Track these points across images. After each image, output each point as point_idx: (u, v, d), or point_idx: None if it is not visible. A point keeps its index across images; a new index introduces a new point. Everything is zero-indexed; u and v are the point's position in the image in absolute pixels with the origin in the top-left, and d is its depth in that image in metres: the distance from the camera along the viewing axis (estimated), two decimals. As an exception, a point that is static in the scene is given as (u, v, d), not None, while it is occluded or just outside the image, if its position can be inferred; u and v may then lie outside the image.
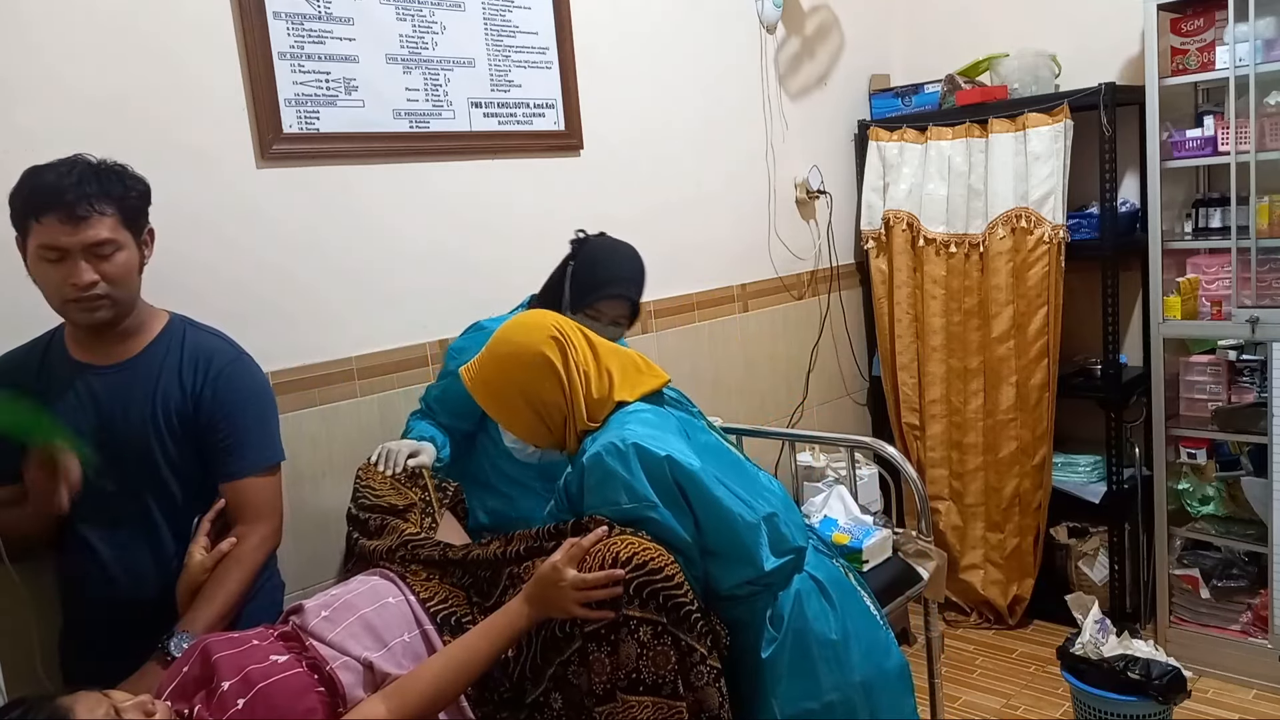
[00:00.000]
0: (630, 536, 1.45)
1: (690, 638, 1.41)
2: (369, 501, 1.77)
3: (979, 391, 3.19)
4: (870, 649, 1.59)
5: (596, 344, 1.64)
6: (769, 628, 1.53)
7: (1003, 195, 3.04)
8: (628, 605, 1.40)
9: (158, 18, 1.81)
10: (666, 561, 1.42)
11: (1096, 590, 3.11)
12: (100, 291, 1.49)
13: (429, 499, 1.84)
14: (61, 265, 1.47)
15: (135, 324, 1.61)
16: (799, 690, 1.51)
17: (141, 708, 1.18)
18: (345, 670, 1.34)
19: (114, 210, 1.49)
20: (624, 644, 1.39)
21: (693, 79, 2.85)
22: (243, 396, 1.65)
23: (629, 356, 1.67)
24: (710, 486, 1.50)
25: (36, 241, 1.46)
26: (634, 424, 1.54)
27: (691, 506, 1.50)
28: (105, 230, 1.48)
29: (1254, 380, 2.82)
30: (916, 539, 2.12)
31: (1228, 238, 2.72)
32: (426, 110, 2.20)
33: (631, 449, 1.49)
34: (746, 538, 1.51)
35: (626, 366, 1.64)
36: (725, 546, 1.52)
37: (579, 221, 2.53)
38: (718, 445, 1.66)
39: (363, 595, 1.47)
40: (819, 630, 1.54)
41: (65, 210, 1.44)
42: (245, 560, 1.59)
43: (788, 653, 1.52)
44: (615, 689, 1.39)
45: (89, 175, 1.48)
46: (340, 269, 2.09)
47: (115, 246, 1.50)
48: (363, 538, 1.73)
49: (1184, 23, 2.75)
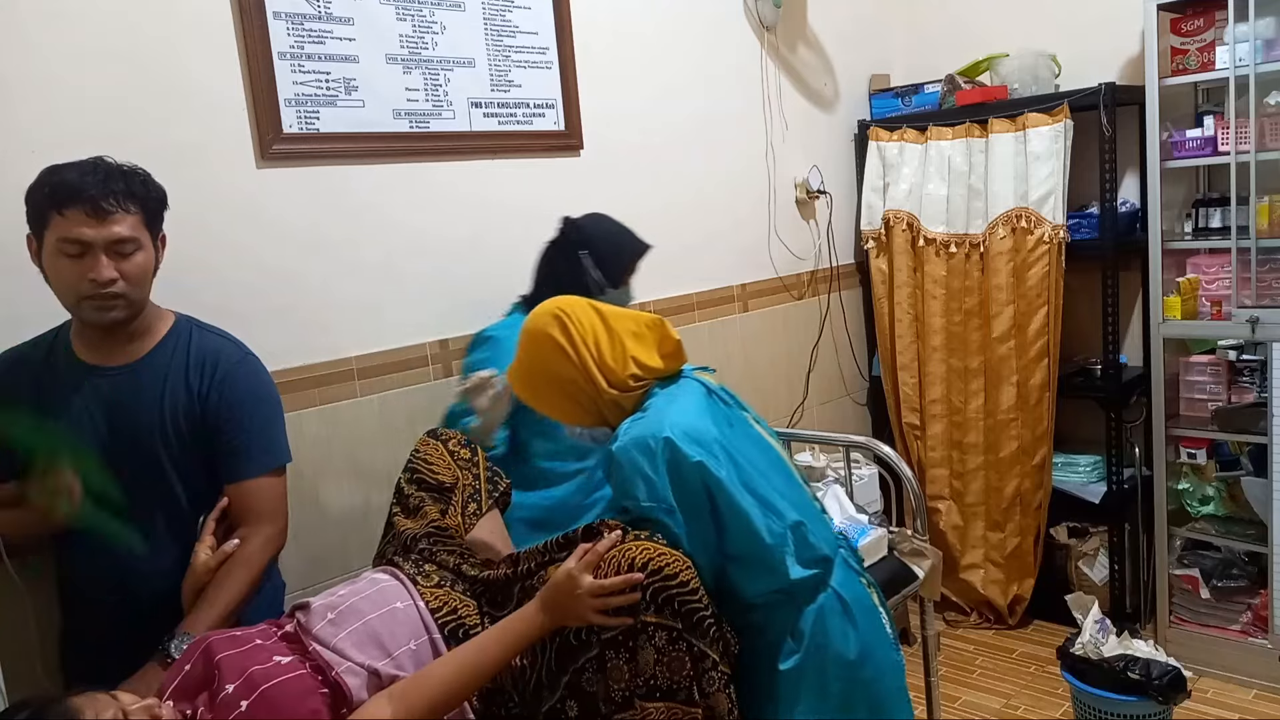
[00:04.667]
0: (645, 541, 1.43)
1: (704, 644, 1.40)
2: (421, 475, 1.73)
3: (979, 391, 3.19)
4: (883, 670, 1.59)
5: (608, 314, 1.64)
6: (789, 640, 1.52)
7: (1003, 195, 3.04)
8: (644, 611, 1.38)
9: (158, 17, 1.81)
10: (682, 567, 1.40)
11: (1096, 590, 3.11)
12: (118, 290, 1.49)
13: (479, 485, 1.78)
14: (81, 260, 1.47)
15: (143, 325, 1.60)
16: (811, 707, 1.51)
17: (149, 711, 1.18)
18: (351, 675, 1.32)
19: (138, 209, 1.51)
20: (642, 650, 1.38)
21: (693, 79, 2.85)
22: (248, 398, 1.65)
23: (640, 319, 1.66)
24: (737, 497, 1.48)
25: (57, 235, 1.46)
26: (675, 413, 1.52)
27: (719, 512, 1.48)
28: (128, 228, 1.49)
29: (1254, 380, 2.82)
30: (912, 538, 2.12)
31: (1228, 238, 2.71)
32: (426, 110, 2.20)
33: (662, 446, 1.46)
34: (773, 548, 1.50)
35: (640, 330, 1.64)
36: (749, 554, 1.50)
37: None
38: (759, 440, 1.64)
39: (370, 599, 1.44)
40: (838, 649, 1.52)
41: (91, 204, 1.45)
42: (249, 562, 1.59)
43: (808, 669, 1.51)
44: (634, 696, 1.38)
45: (115, 174, 1.49)
46: (340, 269, 2.09)
47: (136, 245, 1.51)
48: (401, 514, 1.69)
49: (1184, 23, 2.75)
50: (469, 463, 1.79)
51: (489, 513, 1.76)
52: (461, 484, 1.74)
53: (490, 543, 1.70)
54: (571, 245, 2.11)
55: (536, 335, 1.62)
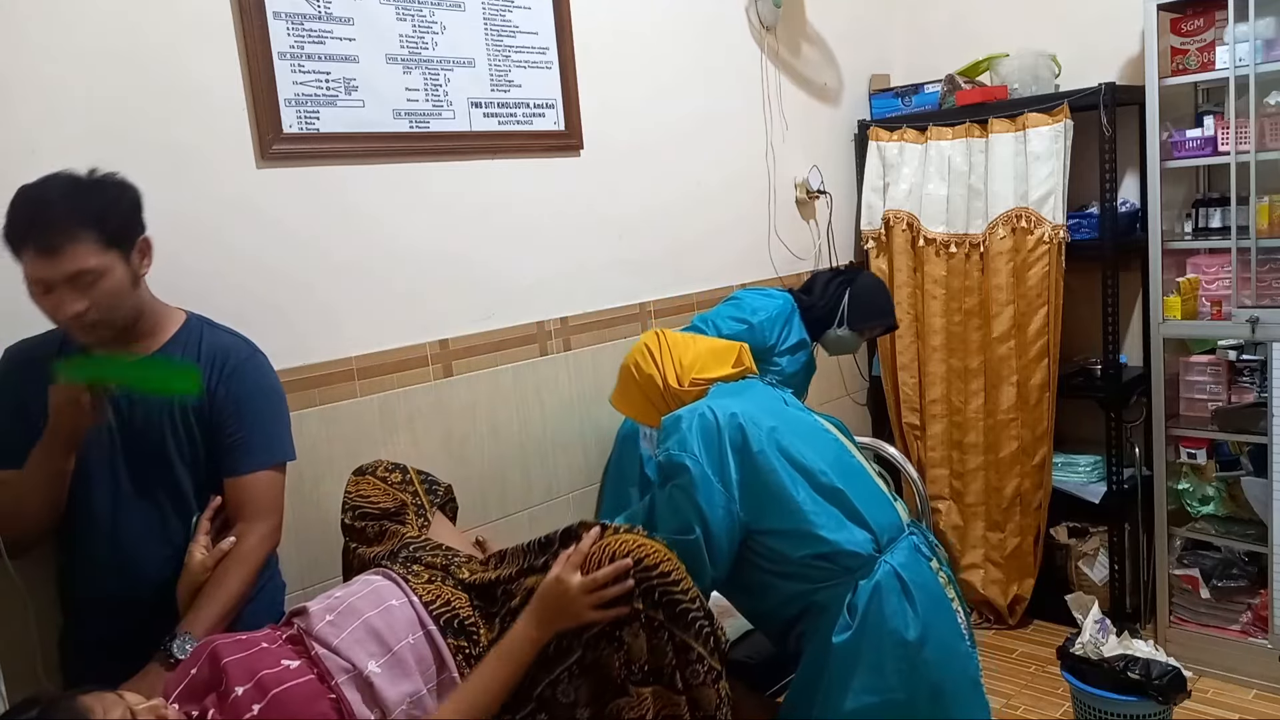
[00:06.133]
0: (625, 535, 1.45)
1: (687, 635, 1.41)
2: (364, 509, 1.77)
3: (979, 391, 3.19)
4: (948, 657, 1.60)
5: (697, 336, 2.07)
6: (845, 615, 1.57)
7: (1003, 195, 3.04)
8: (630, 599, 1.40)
9: (157, 18, 1.80)
10: (663, 558, 1.42)
11: (1096, 590, 3.11)
12: (92, 319, 1.47)
13: (420, 501, 1.84)
14: (50, 296, 1.45)
15: (151, 324, 1.61)
16: (863, 683, 1.54)
17: (155, 711, 1.18)
18: (349, 688, 1.33)
19: (91, 233, 1.43)
20: (635, 638, 1.40)
21: (693, 79, 2.85)
22: (253, 393, 1.65)
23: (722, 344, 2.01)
24: (774, 461, 1.62)
25: (25, 273, 1.45)
26: (724, 397, 1.75)
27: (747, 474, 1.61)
28: (80, 260, 1.42)
29: (1254, 380, 2.82)
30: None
31: (1228, 238, 2.72)
32: (426, 110, 2.20)
33: (698, 413, 1.67)
34: (808, 515, 1.60)
35: (720, 350, 1.96)
36: (785, 524, 1.60)
37: (579, 221, 2.55)
38: (814, 424, 1.80)
39: (366, 598, 1.46)
40: (894, 627, 1.56)
41: (37, 244, 1.41)
42: (246, 559, 1.59)
43: (864, 644, 1.55)
44: (628, 683, 1.40)
45: (65, 197, 1.43)
46: (340, 269, 2.09)
47: (95, 275, 1.44)
48: (361, 546, 1.73)
49: (1184, 23, 2.75)
50: (402, 484, 1.85)
51: (436, 520, 1.83)
52: (407, 505, 1.79)
53: (447, 540, 1.74)
54: (845, 280, 2.62)
55: (635, 347, 2.03)
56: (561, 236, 2.51)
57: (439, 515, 1.87)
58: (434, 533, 1.76)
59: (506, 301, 2.37)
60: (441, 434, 2.26)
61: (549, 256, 2.48)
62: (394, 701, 1.35)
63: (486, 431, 2.35)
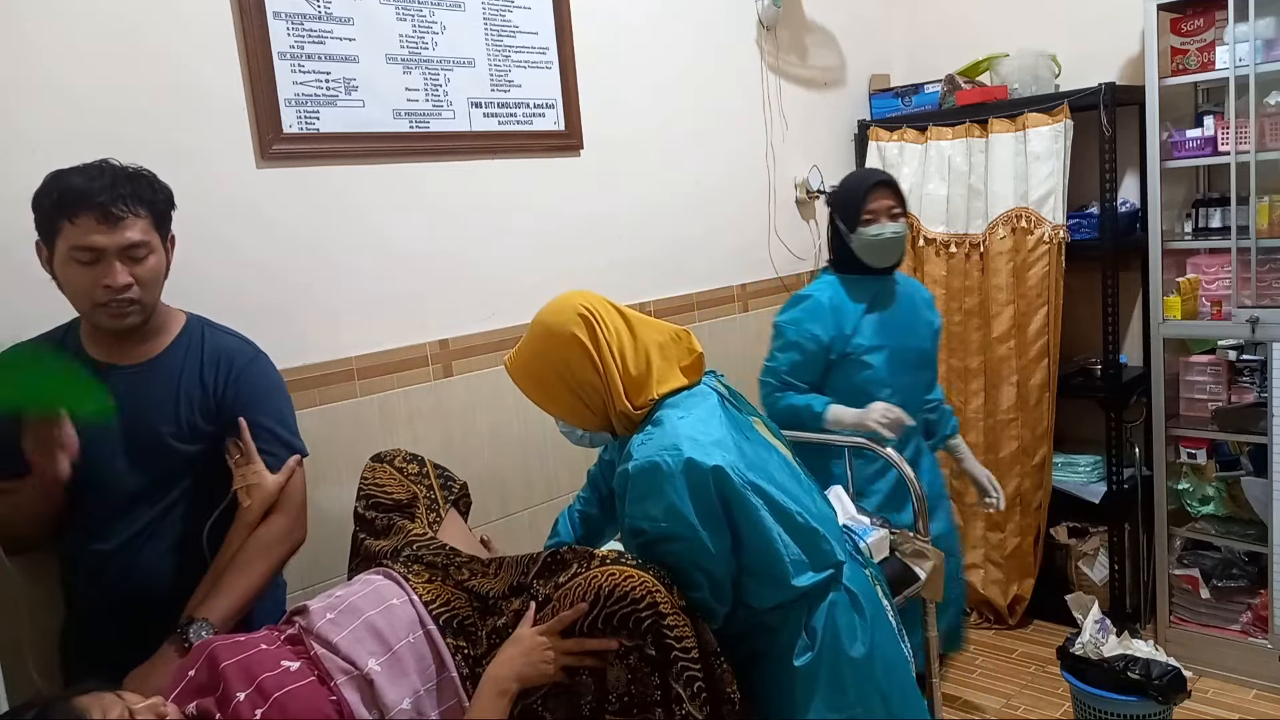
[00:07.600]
0: (612, 566, 1.42)
1: (669, 675, 1.37)
2: (377, 498, 1.76)
3: (979, 391, 3.19)
4: (891, 664, 1.60)
5: (633, 320, 1.61)
6: (804, 636, 1.53)
7: (1003, 195, 3.04)
8: (615, 634, 1.38)
9: (157, 18, 1.80)
10: (650, 589, 1.38)
11: (1096, 590, 3.11)
12: (133, 295, 1.50)
13: (434, 495, 1.83)
14: (94, 267, 1.46)
15: (155, 326, 1.61)
16: (825, 701, 1.52)
17: (154, 710, 1.18)
18: (349, 689, 1.33)
19: (147, 212, 1.50)
20: (612, 668, 1.38)
21: (693, 79, 2.85)
22: (263, 393, 1.67)
23: (665, 330, 1.63)
24: (760, 513, 1.48)
25: (69, 242, 1.45)
26: (689, 428, 1.48)
27: (736, 525, 1.47)
28: (139, 232, 1.48)
29: (1254, 380, 2.82)
30: (914, 539, 2.12)
31: (1228, 238, 2.72)
32: (426, 110, 2.20)
33: (681, 468, 1.43)
34: (787, 564, 1.50)
35: (665, 342, 1.61)
36: (763, 570, 1.50)
37: (579, 221, 2.55)
38: (770, 447, 1.63)
39: (367, 597, 1.46)
40: (848, 644, 1.54)
41: (101, 210, 1.44)
42: (268, 553, 1.60)
43: (823, 665, 1.52)
44: (604, 711, 1.38)
45: (121, 177, 1.49)
46: (340, 269, 2.09)
47: (148, 249, 1.51)
48: (369, 538, 1.72)
49: (1184, 23, 2.75)
50: (418, 476, 1.83)
51: (449, 516, 1.80)
52: (420, 498, 1.78)
53: (456, 546, 1.72)
54: (830, 211, 2.44)
55: (558, 332, 1.56)
56: (561, 236, 2.51)
57: (452, 512, 1.85)
58: (445, 530, 1.75)
59: (507, 301, 2.37)
60: (442, 434, 2.26)
61: (549, 256, 2.48)
62: (393, 701, 1.35)
63: (486, 431, 2.35)
